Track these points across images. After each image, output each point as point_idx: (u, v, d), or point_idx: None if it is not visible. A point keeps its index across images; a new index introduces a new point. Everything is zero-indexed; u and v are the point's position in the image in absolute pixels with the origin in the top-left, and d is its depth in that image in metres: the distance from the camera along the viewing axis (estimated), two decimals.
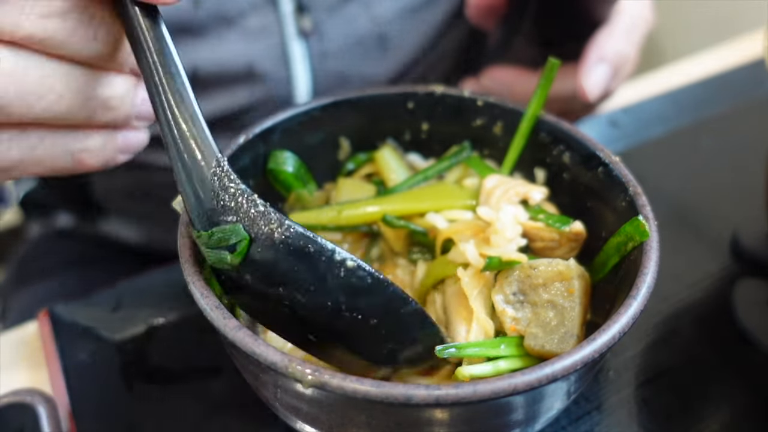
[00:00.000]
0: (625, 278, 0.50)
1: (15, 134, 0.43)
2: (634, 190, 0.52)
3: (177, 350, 0.65)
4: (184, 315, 0.68)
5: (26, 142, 0.44)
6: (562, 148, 0.58)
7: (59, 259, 1.04)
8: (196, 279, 0.45)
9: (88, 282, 0.94)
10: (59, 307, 0.67)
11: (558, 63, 0.57)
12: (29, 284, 1.01)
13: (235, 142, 0.56)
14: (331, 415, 0.44)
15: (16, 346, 0.67)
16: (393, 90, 0.62)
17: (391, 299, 0.46)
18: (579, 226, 0.55)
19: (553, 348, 0.47)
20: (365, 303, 0.45)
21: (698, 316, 0.69)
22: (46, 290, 0.99)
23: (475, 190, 0.58)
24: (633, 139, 0.89)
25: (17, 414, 0.56)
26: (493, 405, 0.42)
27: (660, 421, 0.60)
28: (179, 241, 0.48)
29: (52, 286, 1.00)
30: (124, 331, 0.67)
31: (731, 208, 0.79)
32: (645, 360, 0.64)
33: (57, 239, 1.08)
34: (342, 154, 0.64)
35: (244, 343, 0.41)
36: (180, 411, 0.60)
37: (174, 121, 0.44)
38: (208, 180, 0.44)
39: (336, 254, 0.43)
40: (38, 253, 1.08)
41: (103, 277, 0.91)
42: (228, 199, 0.44)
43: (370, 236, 0.60)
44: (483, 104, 0.61)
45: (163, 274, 0.71)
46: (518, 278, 0.50)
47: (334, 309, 0.44)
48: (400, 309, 0.46)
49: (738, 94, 0.96)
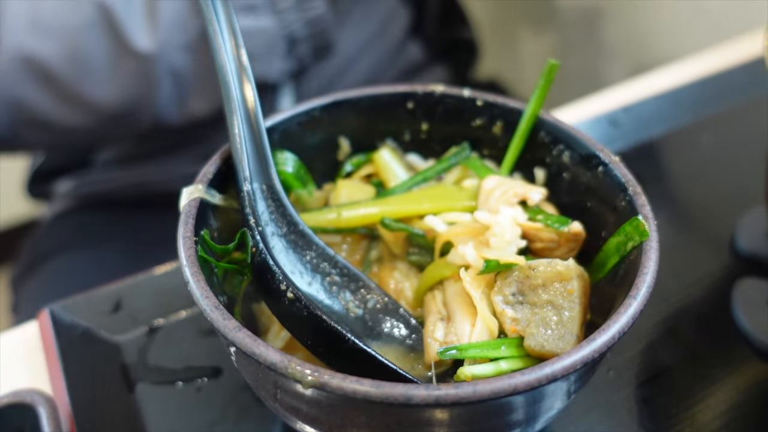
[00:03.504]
0: (625, 278, 0.50)
1: None
2: (633, 190, 0.52)
3: (177, 350, 0.65)
4: (184, 315, 0.68)
5: None
6: (562, 148, 0.58)
7: (66, 239, 1.09)
8: (196, 279, 0.45)
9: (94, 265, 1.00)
10: (59, 307, 0.67)
11: (557, 64, 0.57)
12: (40, 270, 1.04)
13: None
14: (331, 415, 0.44)
15: (16, 346, 0.67)
16: (393, 90, 0.62)
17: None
18: (578, 227, 0.55)
19: (553, 348, 0.47)
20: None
21: (698, 316, 0.69)
22: (57, 274, 1.02)
23: (474, 191, 0.58)
24: (633, 139, 0.89)
25: (17, 414, 0.56)
26: (493, 405, 0.42)
27: (660, 421, 0.60)
28: (179, 242, 0.48)
29: (62, 270, 1.03)
30: (124, 331, 0.67)
31: (731, 208, 0.79)
32: (645, 360, 0.64)
33: (63, 219, 1.13)
34: (341, 155, 0.64)
35: (244, 344, 0.41)
36: (180, 411, 0.60)
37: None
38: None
39: (282, 285, 0.48)
40: (47, 236, 1.11)
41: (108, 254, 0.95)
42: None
43: (369, 238, 0.60)
44: (483, 104, 0.61)
45: (163, 274, 0.71)
46: (517, 279, 0.50)
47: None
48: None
49: (738, 93, 0.96)
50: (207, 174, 0.53)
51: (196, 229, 0.49)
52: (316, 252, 0.55)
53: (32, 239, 1.15)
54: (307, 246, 0.55)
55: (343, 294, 0.55)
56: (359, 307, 0.55)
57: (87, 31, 0.87)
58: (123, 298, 0.69)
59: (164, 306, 0.68)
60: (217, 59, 0.53)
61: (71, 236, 1.09)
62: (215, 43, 0.53)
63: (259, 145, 0.54)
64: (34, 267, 1.07)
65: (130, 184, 1.11)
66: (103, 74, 0.89)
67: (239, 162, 0.53)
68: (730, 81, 0.98)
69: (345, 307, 0.54)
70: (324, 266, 0.55)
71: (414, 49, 1.23)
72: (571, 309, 0.48)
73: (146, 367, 0.64)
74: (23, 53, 0.86)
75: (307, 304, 0.47)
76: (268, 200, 0.54)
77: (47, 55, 0.86)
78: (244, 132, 0.53)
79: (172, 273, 0.71)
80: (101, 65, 0.89)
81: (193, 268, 0.46)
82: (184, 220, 0.50)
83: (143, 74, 0.90)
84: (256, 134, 0.54)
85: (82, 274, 1.02)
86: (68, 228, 1.11)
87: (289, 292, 0.48)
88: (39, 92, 0.88)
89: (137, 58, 0.88)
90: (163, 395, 0.62)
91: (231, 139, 0.53)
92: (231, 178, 0.54)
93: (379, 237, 0.59)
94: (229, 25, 0.54)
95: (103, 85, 0.89)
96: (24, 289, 1.07)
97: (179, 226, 0.49)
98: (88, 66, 0.88)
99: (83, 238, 1.08)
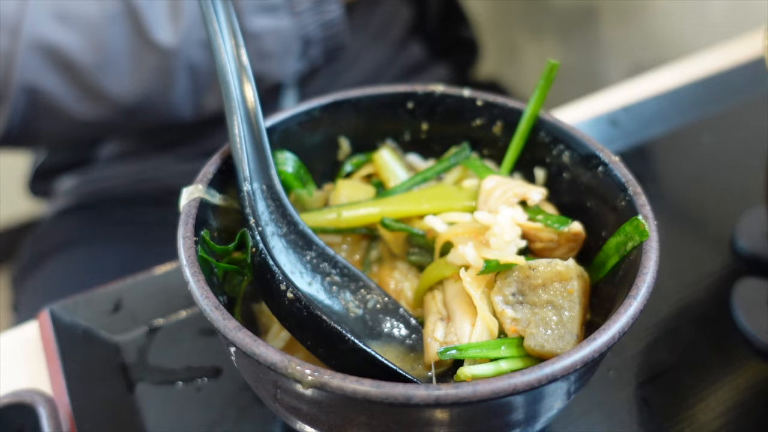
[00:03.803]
0: (625, 278, 0.50)
1: None
2: (633, 190, 0.52)
3: (177, 350, 0.65)
4: (184, 315, 0.68)
5: None
6: (562, 148, 0.58)
7: (67, 237, 1.09)
8: (196, 279, 0.45)
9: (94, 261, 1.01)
10: (59, 307, 0.67)
11: (557, 64, 0.57)
12: (41, 268, 1.05)
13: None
14: (331, 415, 0.44)
15: (16, 346, 0.67)
16: (393, 90, 0.62)
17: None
18: (577, 227, 0.55)
19: (553, 348, 0.47)
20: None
21: (698, 316, 0.69)
22: (57, 273, 1.02)
23: (474, 192, 0.58)
24: (633, 138, 0.89)
25: (17, 414, 0.56)
26: (493, 405, 0.42)
27: (660, 421, 0.60)
28: (179, 242, 0.48)
29: (62, 268, 1.03)
30: (124, 331, 0.67)
31: (731, 208, 0.79)
32: (645, 360, 0.64)
33: (64, 217, 1.13)
34: (341, 155, 0.64)
35: (244, 344, 0.41)
36: (180, 411, 0.60)
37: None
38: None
39: (282, 285, 0.49)
40: (48, 234, 1.11)
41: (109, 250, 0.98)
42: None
43: (369, 238, 0.60)
44: (483, 104, 0.61)
45: (163, 274, 0.71)
46: (517, 279, 0.50)
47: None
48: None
49: (738, 93, 0.96)
50: (207, 174, 0.53)
51: (196, 229, 0.49)
52: (316, 252, 0.55)
53: (33, 238, 1.15)
54: (307, 246, 0.55)
55: (343, 294, 0.55)
56: (359, 307, 0.55)
57: (110, 23, 0.87)
58: (123, 298, 0.69)
59: (164, 306, 0.68)
60: (217, 59, 0.53)
61: (72, 234, 1.09)
62: (215, 43, 0.53)
63: (259, 145, 0.54)
64: (35, 265, 1.07)
65: (132, 181, 1.11)
66: (123, 67, 0.89)
67: (239, 162, 0.53)
68: (730, 81, 0.98)
69: (345, 307, 0.54)
70: (324, 266, 0.55)
71: (415, 48, 1.24)
72: (571, 309, 0.48)
73: (146, 367, 0.64)
74: (45, 42, 0.85)
75: (307, 304, 0.47)
76: (268, 200, 0.54)
77: (69, 45, 0.86)
78: (244, 132, 0.53)
79: (172, 273, 0.71)
80: (122, 58, 0.89)
81: (193, 268, 0.46)
82: (184, 220, 0.50)
83: (162, 69, 0.90)
84: (256, 134, 0.54)
85: (82, 272, 1.03)
86: (69, 226, 1.11)
87: (289, 292, 0.48)
88: (58, 81, 0.87)
89: (158, 53, 0.89)
90: (163, 395, 0.62)
91: (231, 139, 0.53)
92: (231, 178, 0.54)
93: (379, 237, 0.59)
94: (229, 25, 0.54)
95: (123, 78, 0.90)
96: (24, 287, 1.07)
97: (179, 226, 0.49)
98: (108, 57, 0.88)
99: (84, 237, 1.08)
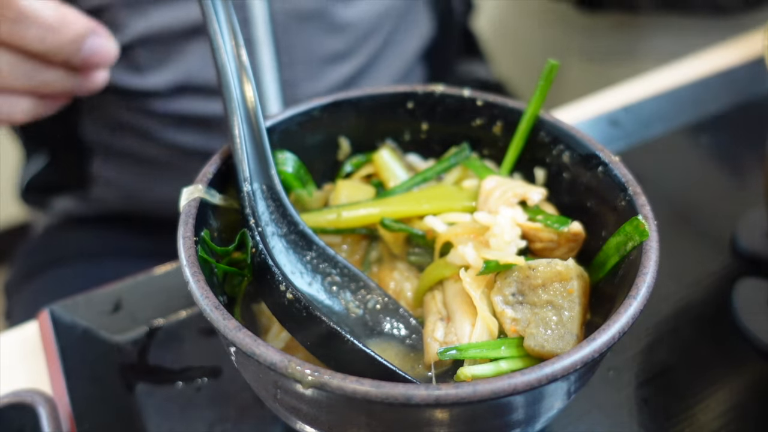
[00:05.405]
0: (625, 278, 0.50)
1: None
2: (633, 190, 0.52)
3: (177, 350, 0.65)
4: (184, 315, 0.68)
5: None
6: (562, 148, 0.58)
7: (62, 251, 1.07)
8: (196, 279, 0.45)
9: (90, 272, 0.99)
10: (59, 307, 0.67)
11: (557, 64, 0.57)
12: (34, 279, 1.03)
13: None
14: (331, 415, 0.44)
15: (16, 346, 0.67)
16: (393, 90, 0.62)
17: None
18: (577, 227, 0.55)
19: (553, 348, 0.47)
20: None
21: (698, 316, 0.69)
22: (50, 284, 1.01)
23: (474, 192, 0.58)
24: (633, 138, 0.89)
25: (17, 414, 0.56)
26: (493, 405, 0.42)
27: (660, 421, 0.60)
28: (179, 242, 0.48)
29: (56, 281, 1.02)
30: (124, 331, 0.67)
31: (731, 208, 0.79)
32: (645, 360, 0.64)
33: (59, 231, 1.11)
34: (341, 155, 0.64)
35: (244, 344, 0.41)
36: (180, 411, 0.60)
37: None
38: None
39: (282, 285, 0.49)
40: (42, 246, 1.10)
41: (107, 266, 0.96)
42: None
43: (369, 238, 0.60)
44: (483, 104, 0.61)
45: (163, 274, 0.71)
46: (517, 279, 0.50)
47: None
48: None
49: (738, 93, 0.96)
50: (207, 174, 0.53)
51: (196, 230, 0.49)
52: (317, 252, 0.55)
53: (26, 247, 1.13)
54: (307, 246, 0.55)
55: (343, 294, 0.55)
56: (359, 307, 0.55)
57: None
58: (123, 298, 0.69)
59: (164, 306, 0.68)
60: (217, 59, 0.53)
61: (66, 249, 1.07)
62: (215, 43, 0.53)
63: (259, 145, 0.54)
64: (28, 277, 1.05)
65: (127, 203, 1.09)
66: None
67: (239, 162, 0.53)
68: (731, 81, 0.98)
69: (345, 307, 0.54)
70: (324, 266, 0.55)
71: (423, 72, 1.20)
72: (571, 309, 0.48)
73: (146, 367, 0.64)
74: None
75: (306, 304, 0.47)
76: (268, 200, 0.54)
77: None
78: (244, 132, 0.53)
79: (172, 273, 0.71)
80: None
81: (193, 268, 0.46)
82: (184, 220, 0.49)
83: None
84: (257, 134, 0.54)
85: (74, 286, 1.01)
86: (63, 241, 1.09)
87: (288, 293, 0.48)
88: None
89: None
90: (163, 395, 0.62)
91: (231, 139, 0.53)
92: (231, 178, 0.54)
93: (379, 237, 0.59)
94: (229, 25, 0.54)
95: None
96: (17, 297, 1.06)
97: (179, 226, 0.49)
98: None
99: (78, 252, 1.06)
